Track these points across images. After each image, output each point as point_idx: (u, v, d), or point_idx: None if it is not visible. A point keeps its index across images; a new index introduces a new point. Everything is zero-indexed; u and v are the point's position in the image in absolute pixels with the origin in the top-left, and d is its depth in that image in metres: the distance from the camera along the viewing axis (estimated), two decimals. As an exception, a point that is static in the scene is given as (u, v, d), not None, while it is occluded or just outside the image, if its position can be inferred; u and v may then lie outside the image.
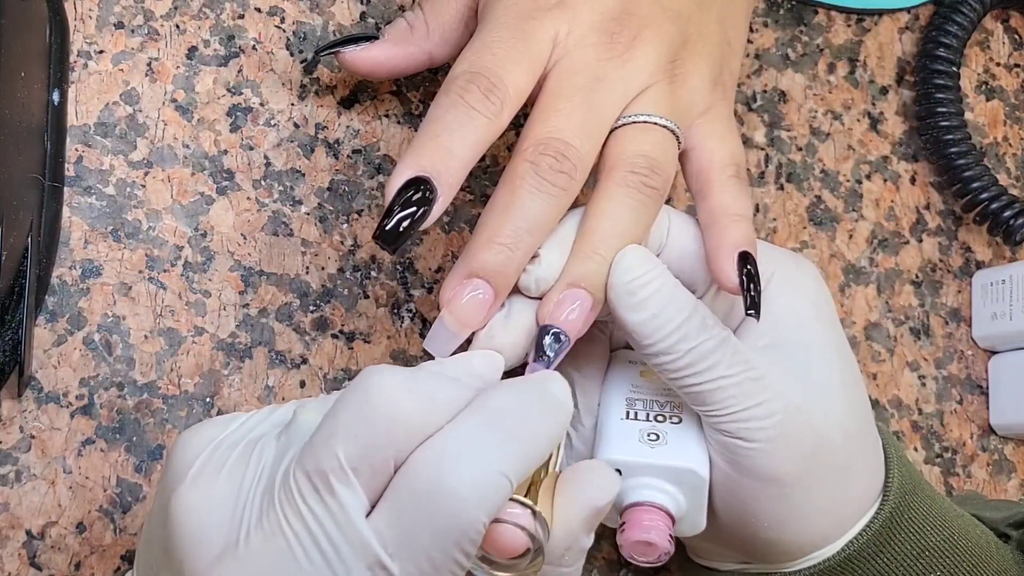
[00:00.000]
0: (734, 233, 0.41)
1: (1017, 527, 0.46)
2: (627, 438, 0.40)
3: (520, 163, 0.39)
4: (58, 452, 0.43)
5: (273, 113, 0.48)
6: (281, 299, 0.47)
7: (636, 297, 0.38)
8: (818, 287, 0.42)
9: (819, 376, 0.40)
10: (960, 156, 0.57)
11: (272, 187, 0.47)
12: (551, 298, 0.38)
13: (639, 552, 0.39)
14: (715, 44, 0.44)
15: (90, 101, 0.46)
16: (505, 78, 0.39)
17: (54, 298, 0.44)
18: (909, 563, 0.41)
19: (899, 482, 0.42)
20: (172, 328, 0.45)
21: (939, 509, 0.42)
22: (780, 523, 0.40)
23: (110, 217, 0.45)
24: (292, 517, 0.31)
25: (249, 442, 0.34)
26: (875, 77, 0.59)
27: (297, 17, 0.49)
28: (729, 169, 0.42)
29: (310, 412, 0.34)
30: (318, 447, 0.31)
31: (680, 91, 0.42)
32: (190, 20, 0.48)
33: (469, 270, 0.38)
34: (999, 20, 0.63)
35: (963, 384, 0.57)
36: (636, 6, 0.42)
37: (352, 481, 0.31)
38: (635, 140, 0.40)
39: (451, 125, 0.38)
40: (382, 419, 0.31)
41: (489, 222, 0.38)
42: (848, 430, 0.40)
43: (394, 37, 0.45)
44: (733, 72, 0.45)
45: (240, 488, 0.32)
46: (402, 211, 0.37)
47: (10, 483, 0.43)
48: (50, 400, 0.43)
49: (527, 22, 0.40)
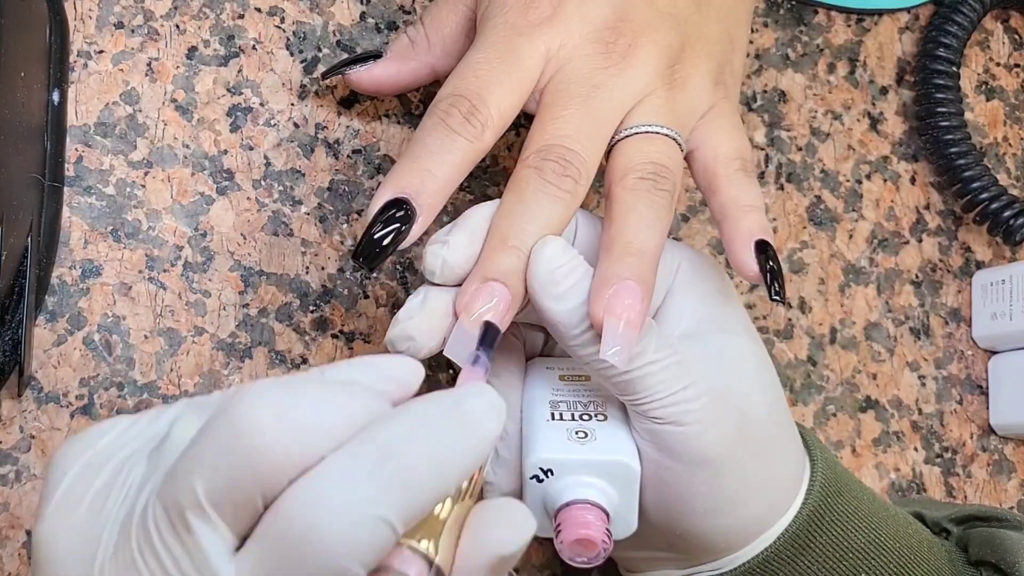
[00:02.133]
0: (746, 223, 0.41)
1: (959, 523, 0.46)
2: (555, 438, 0.39)
3: (523, 169, 0.39)
4: (58, 452, 0.43)
5: (273, 113, 0.48)
6: (281, 299, 0.47)
7: (560, 287, 0.37)
8: (722, 275, 0.43)
9: (735, 358, 0.40)
10: (960, 156, 0.57)
11: (272, 187, 0.47)
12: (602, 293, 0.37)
13: (578, 552, 0.38)
14: (715, 43, 0.43)
15: (90, 101, 0.46)
16: (487, 99, 0.39)
17: (54, 298, 0.44)
18: (832, 564, 0.40)
19: (821, 481, 0.41)
20: (172, 328, 0.45)
21: (866, 508, 0.42)
22: (714, 508, 0.39)
23: (110, 217, 0.45)
24: (147, 554, 0.28)
25: (121, 460, 0.30)
26: (875, 77, 0.59)
27: (297, 17, 0.49)
28: (735, 163, 0.42)
29: (185, 427, 0.30)
30: (178, 478, 0.28)
31: (680, 96, 0.42)
32: (190, 20, 0.48)
33: (484, 274, 0.38)
34: (999, 20, 0.63)
35: (963, 384, 0.57)
36: (631, 13, 0.41)
37: (213, 518, 0.27)
38: (640, 150, 0.40)
39: (432, 147, 0.39)
40: (245, 451, 0.27)
41: (500, 227, 0.38)
42: (771, 407, 0.40)
43: (397, 54, 0.46)
44: (736, 69, 0.45)
45: (100, 515, 0.29)
46: (381, 231, 0.38)
47: (10, 483, 0.43)
48: (50, 400, 0.43)
49: (515, 39, 0.41)
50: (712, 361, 0.39)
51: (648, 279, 0.38)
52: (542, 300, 0.38)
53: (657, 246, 0.39)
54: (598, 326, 0.37)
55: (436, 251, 0.38)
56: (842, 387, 0.55)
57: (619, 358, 0.36)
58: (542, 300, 0.38)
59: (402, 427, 0.28)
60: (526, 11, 0.41)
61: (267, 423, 0.27)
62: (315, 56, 0.49)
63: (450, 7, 0.45)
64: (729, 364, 0.40)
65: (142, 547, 0.28)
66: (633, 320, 0.36)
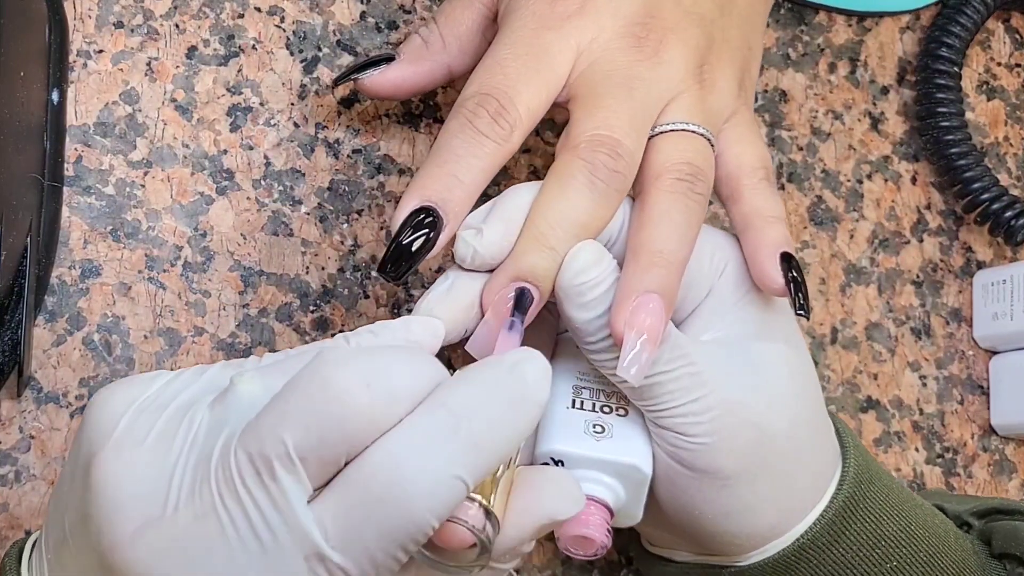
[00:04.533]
0: (771, 234, 0.40)
1: (980, 516, 0.46)
2: (572, 429, 0.39)
3: (574, 160, 0.38)
4: (58, 452, 0.43)
5: (273, 113, 0.48)
6: (281, 299, 0.47)
7: (585, 298, 0.37)
8: None
9: (766, 367, 0.40)
10: (961, 156, 0.57)
11: (272, 187, 0.47)
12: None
13: (576, 546, 0.38)
14: (737, 48, 0.43)
15: (89, 101, 0.46)
16: (516, 99, 0.38)
17: (53, 298, 0.44)
18: (865, 552, 0.40)
19: (855, 471, 0.41)
20: (172, 328, 0.45)
21: (896, 498, 0.42)
22: (725, 515, 0.39)
23: (110, 217, 0.45)
24: (229, 498, 0.29)
25: (179, 407, 0.32)
26: (876, 77, 0.59)
27: (297, 17, 0.49)
28: (759, 172, 0.42)
29: (251, 383, 0.32)
30: (264, 431, 0.30)
31: (710, 97, 0.41)
32: (190, 20, 0.48)
33: (517, 273, 0.37)
34: (1000, 20, 0.63)
35: (964, 384, 0.57)
36: (660, 10, 0.41)
37: (298, 469, 0.29)
38: (678, 148, 0.39)
39: (459, 151, 0.38)
40: (337, 414, 0.30)
41: (538, 222, 0.37)
42: (796, 419, 0.40)
43: (410, 55, 0.45)
44: (753, 77, 0.45)
45: (167, 457, 0.30)
46: (407, 241, 0.37)
47: (10, 483, 0.43)
48: (49, 400, 0.43)
49: (544, 34, 0.40)
50: (734, 371, 0.39)
51: (672, 290, 0.37)
52: (566, 307, 0.38)
53: (686, 255, 0.38)
54: (618, 338, 0.36)
55: (468, 239, 0.37)
56: (843, 387, 0.55)
57: (635, 372, 0.36)
58: (566, 307, 0.38)
59: (469, 393, 0.31)
60: (554, 3, 0.40)
61: (357, 389, 0.30)
62: (315, 56, 0.49)
63: (465, 4, 0.44)
64: (754, 374, 0.39)
65: (223, 491, 0.29)
66: (653, 335, 0.36)
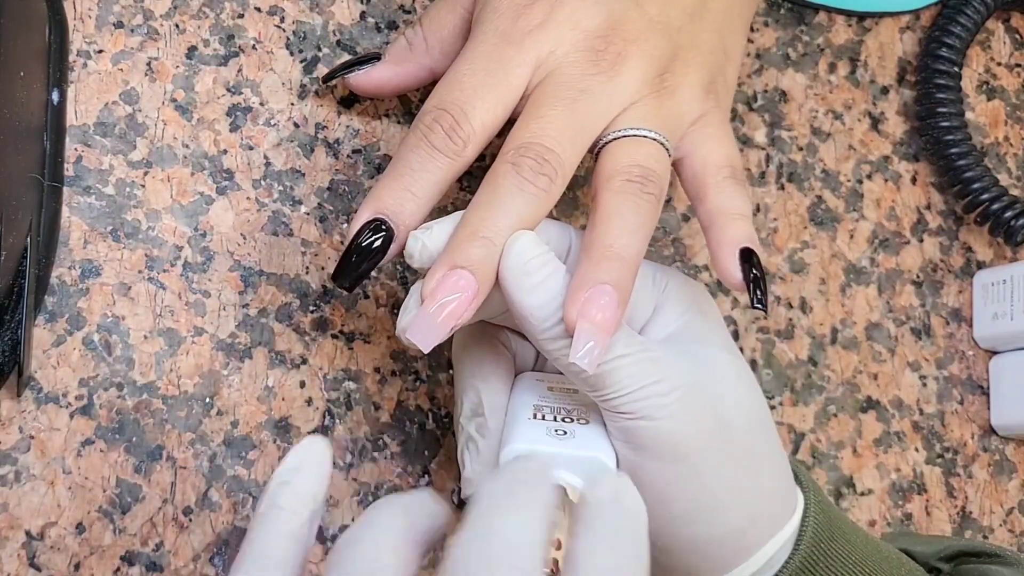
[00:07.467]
0: (732, 230, 0.41)
1: (948, 560, 0.45)
2: (534, 433, 0.39)
3: (501, 165, 0.39)
4: (57, 453, 0.43)
5: (273, 113, 0.48)
6: (281, 299, 0.47)
7: (532, 279, 0.37)
8: (707, 297, 0.43)
9: (713, 366, 0.40)
10: (961, 156, 0.57)
11: (272, 187, 0.47)
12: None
13: None
14: (707, 53, 0.43)
15: (89, 101, 0.46)
16: (471, 114, 0.40)
17: (53, 298, 0.44)
18: None
19: (814, 527, 0.40)
20: (172, 328, 0.45)
21: (860, 554, 0.41)
22: (694, 510, 0.38)
23: (109, 217, 0.45)
24: None
25: None
26: (876, 77, 0.59)
27: (297, 16, 0.49)
28: (724, 171, 0.42)
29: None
30: None
31: (668, 103, 0.42)
32: (190, 19, 0.48)
33: (453, 262, 0.38)
34: (1000, 20, 0.63)
35: (964, 384, 0.57)
36: (623, 22, 0.41)
37: None
38: (627, 152, 0.40)
39: (414, 165, 0.40)
40: None
41: (471, 219, 0.38)
42: (750, 416, 0.40)
43: (395, 56, 0.46)
44: (728, 79, 0.45)
45: None
46: (359, 251, 0.39)
47: (9, 484, 0.42)
48: (49, 400, 0.43)
49: (505, 49, 0.41)
50: (688, 362, 0.39)
51: (626, 285, 0.38)
52: (513, 292, 0.38)
53: (638, 252, 0.38)
54: (570, 326, 0.37)
55: (417, 235, 0.39)
56: (843, 387, 0.55)
57: (588, 360, 0.36)
58: (513, 292, 0.38)
59: (610, 554, 0.31)
60: (517, 18, 0.41)
61: None
62: (315, 56, 0.49)
63: (448, 8, 0.45)
64: (709, 369, 0.40)
65: None
66: (606, 325, 0.36)
